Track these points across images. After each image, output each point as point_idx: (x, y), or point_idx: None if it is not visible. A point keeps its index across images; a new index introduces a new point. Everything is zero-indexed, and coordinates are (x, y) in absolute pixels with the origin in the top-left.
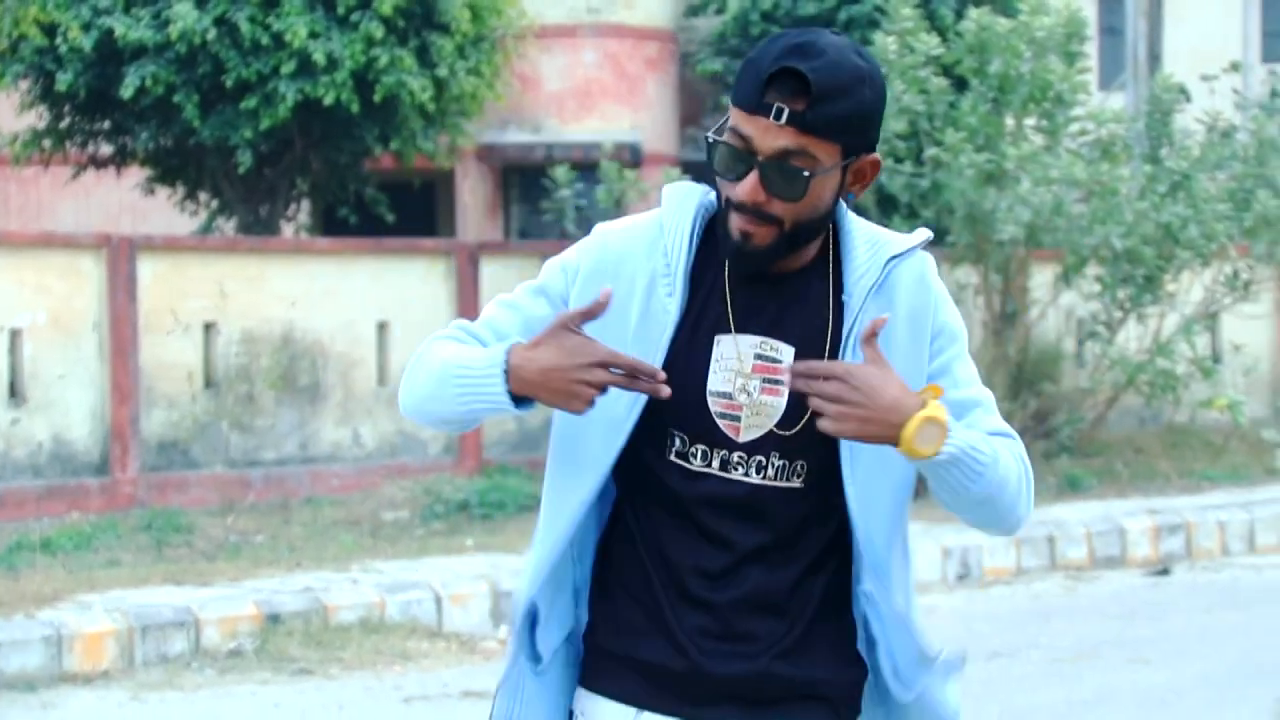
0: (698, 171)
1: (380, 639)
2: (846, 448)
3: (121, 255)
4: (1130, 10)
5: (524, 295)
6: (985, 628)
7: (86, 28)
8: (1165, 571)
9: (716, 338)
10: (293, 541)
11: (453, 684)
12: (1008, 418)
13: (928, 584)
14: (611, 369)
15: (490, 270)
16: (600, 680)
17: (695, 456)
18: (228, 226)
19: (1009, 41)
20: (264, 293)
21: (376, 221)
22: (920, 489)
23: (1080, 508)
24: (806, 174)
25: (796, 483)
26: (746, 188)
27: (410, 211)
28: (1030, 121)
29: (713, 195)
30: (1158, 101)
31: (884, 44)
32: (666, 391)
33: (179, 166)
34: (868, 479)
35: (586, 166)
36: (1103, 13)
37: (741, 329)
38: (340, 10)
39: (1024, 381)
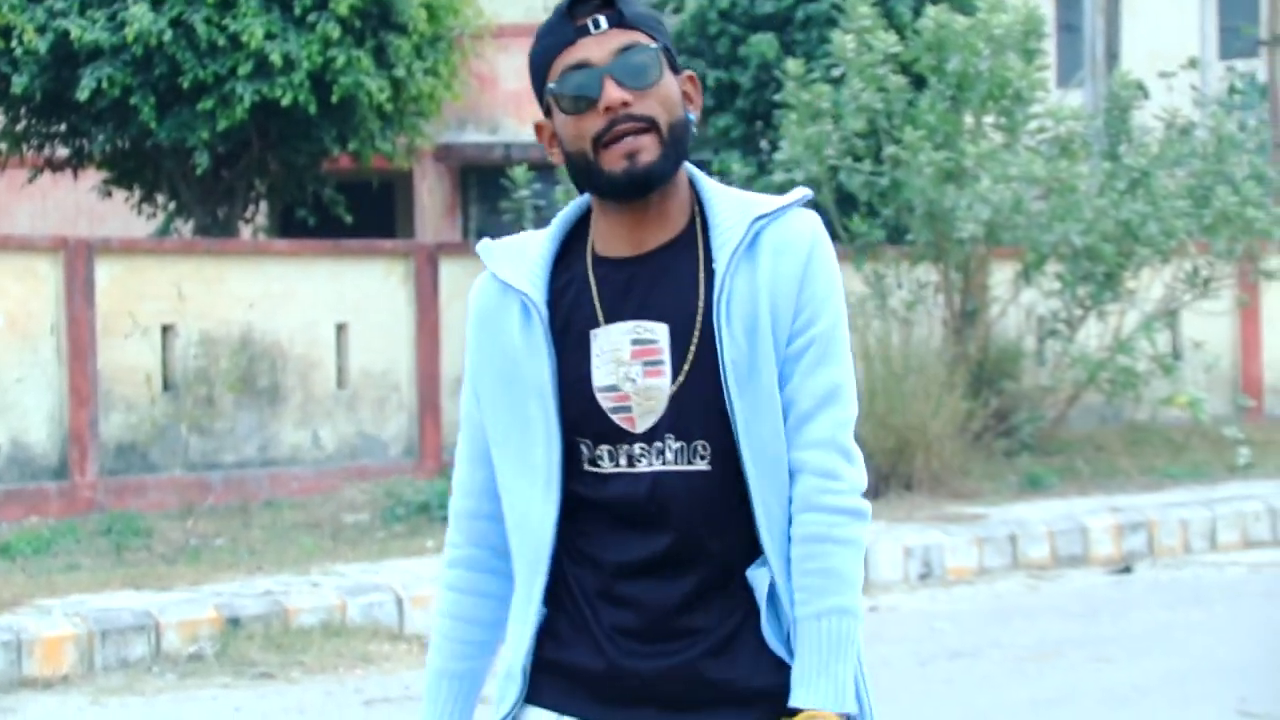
0: None
1: (341, 642)
2: (741, 417)
3: (79, 258)
4: (1088, 7)
5: (467, 377)
6: (947, 627)
7: (41, 30)
8: (1127, 570)
9: (591, 333)
10: (253, 545)
11: (414, 686)
12: (968, 417)
13: (889, 584)
14: None
15: (449, 271)
16: (533, 691)
17: (604, 459)
18: (185, 229)
19: (967, 39)
20: (222, 295)
21: (335, 223)
22: (877, 491)
23: (1042, 506)
24: (652, 48)
25: (701, 464)
26: (609, 93)
27: (369, 212)
28: (989, 119)
29: (566, 213)
30: (1116, 99)
31: (842, 42)
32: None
33: (136, 169)
34: (761, 448)
35: (545, 166)
36: (1060, 10)
37: (612, 318)
38: (296, 11)
39: (985, 379)
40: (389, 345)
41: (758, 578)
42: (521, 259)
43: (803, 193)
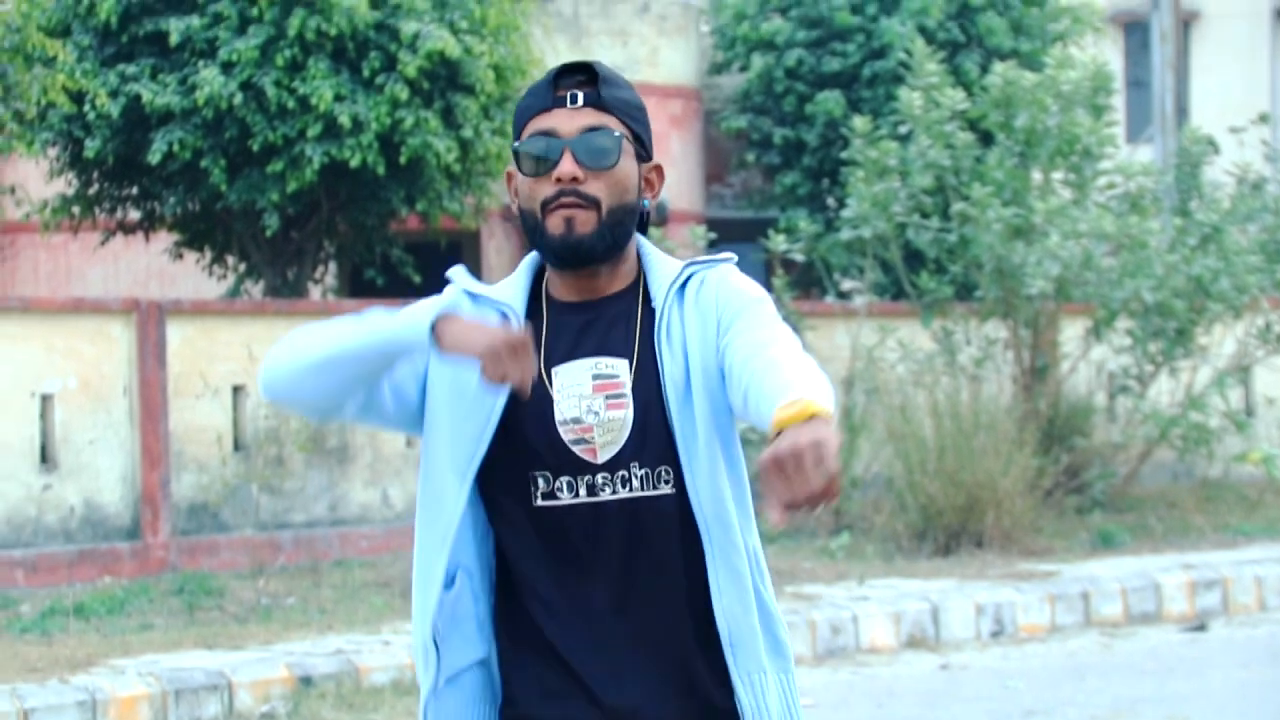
0: (722, 228)
1: (412, 700)
2: (680, 431)
3: (150, 320)
4: (1156, 63)
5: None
6: (1021, 686)
7: (114, 94)
8: (1202, 627)
9: (553, 370)
10: (323, 604)
11: None
12: (1039, 474)
13: (961, 642)
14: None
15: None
16: None
17: (563, 491)
18: (255, 290)
19: (1035, 95)
20: None
21: (403, 282)
22: (948, 548)
23: (1114, 564)
24: (616, 133)
25: (666, 488)
26: (563, 165)
27: (437, 272)
28: (1058, 175)
29: (535, 257)
30: (1186, 154)
31: (909, 99)
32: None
33: (206, 230)
34: (700, 466)
35: None
36: (1129, 65)
37: (573, 356)
38: (365, 73)
39: (1055, 436)
40: None
41: (725, 615)
42: (498, 288)
43: (731, 256)
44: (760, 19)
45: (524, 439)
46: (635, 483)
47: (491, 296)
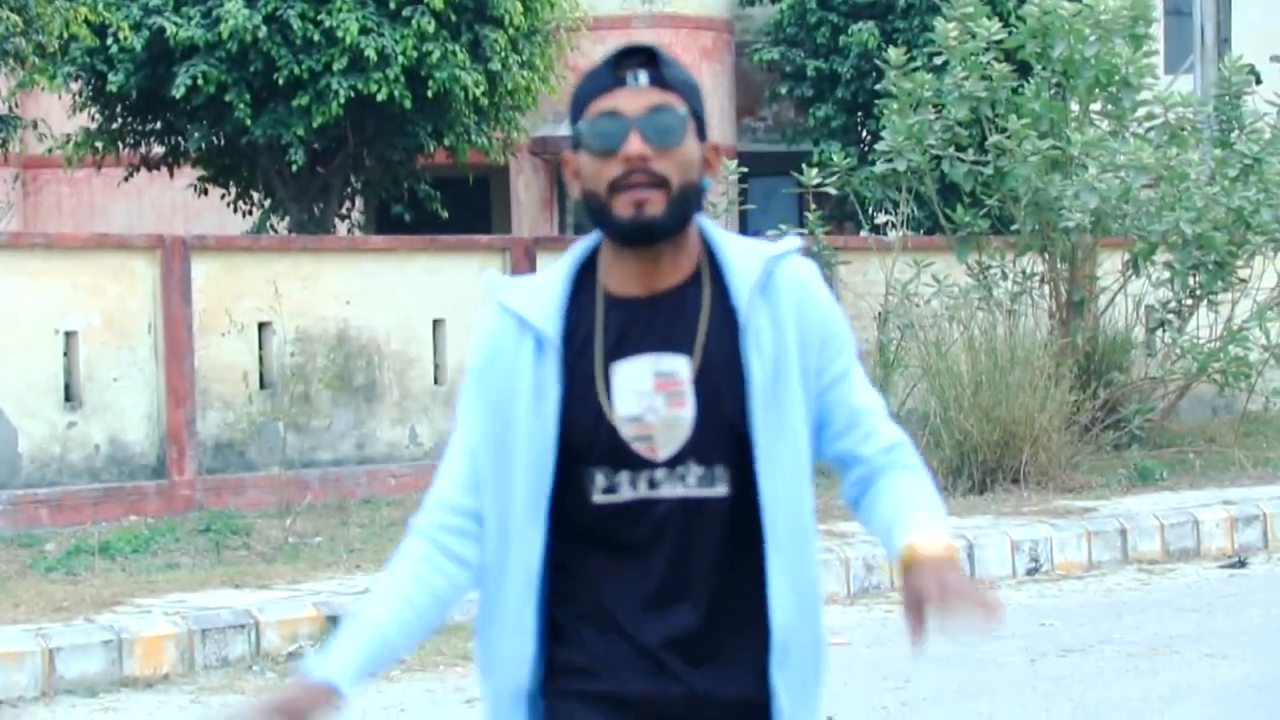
0: (754, 161)
1: (441, 640)
2: (762, 442)
3: (175, 256)
4: None
5: (464, 411)
6: (1057, 623)
7: (137, 27)
8: (1242, 563)
9: (613, 366)
10: (351, 543)
11: None
12: (1076, 409)
13: (997, 579)
14: None
15: (546, 264)
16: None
17: (622, 486)
18: (281, 226)
19: (1073, 25)
20: (318, 292)
21: (431, 218)
22: (983, 485)
23: (1152, 499)
24: (681, 111)
25: (722, 489)
26: (631, 145)
27: (464, 207)
28: (1096, 107)
29: (581, 247)
30: (1227, 84)
31: (944, 29)
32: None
33: (231, 166)
34: (780, 476)
35: None
36: None
37: (634, 352)
38: (392, 5)
39: (1093, 371)
40: None
41: (778, 618)
42: (534, 295)
43: (797, 242)
44: None
45: (585, 437)
46: (691, 480)
47: (526, 316)
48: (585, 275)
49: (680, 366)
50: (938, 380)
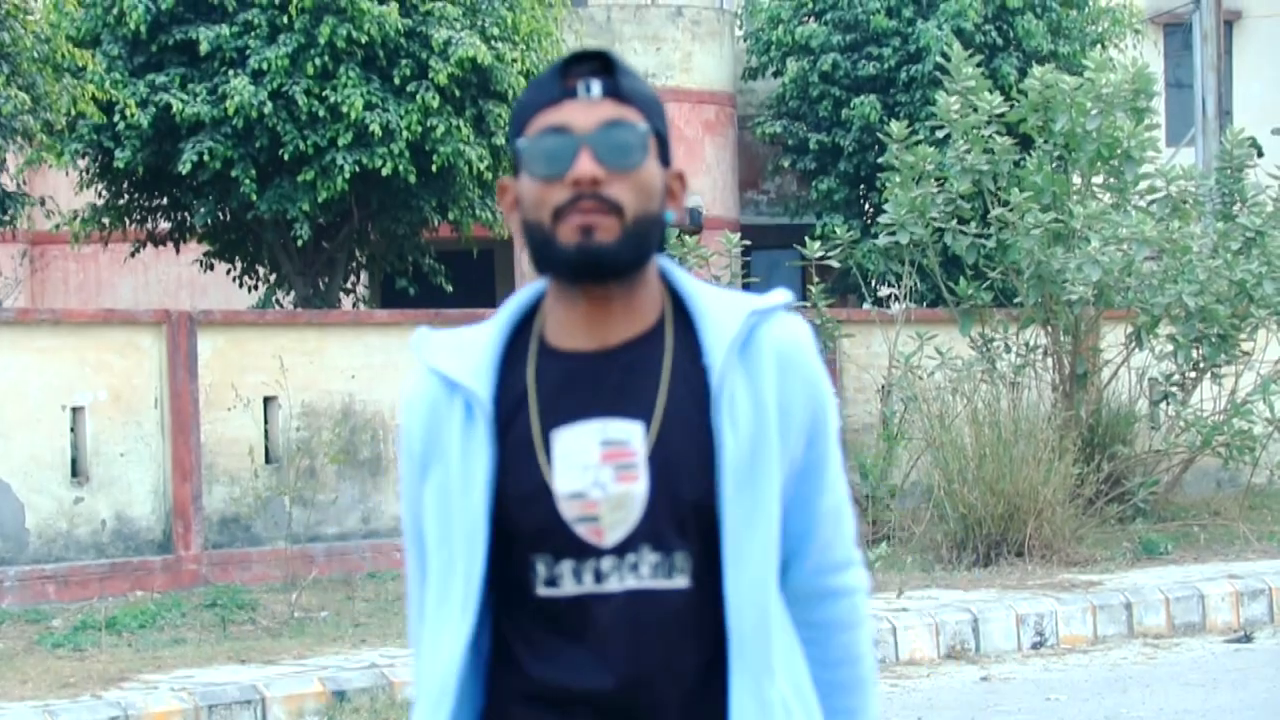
0: (757, 234)
1: None
2: (731, 525)
3: (181, 331)
4: (1198, 64)
5: (406, 500)
6: (1063, 698)
7: (143, 104)
8: (1248, 638)
9: (553, 433)
10: (357, 617)
11: None
12: (1080, 482)
13: (1002, 653)
14: None
15: None
16: None
17: (564, 578)
18: (286, 300)
19: (1075, 99)
20: (324, 366)
21: (436, 292)
22: (988, 559)
23: (1158, 573)
24: (641, 128)
25: (682, 581)
26: (581, 165)
27: (469, 281)
28: (1098, 180)
29: (520, 297)
30: (1228, 157)
31: (946, 103)
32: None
33: (237, 241)
34: (749, 569)
35: None
36: (1170, 67)
37: (579, 416)
38: (396, 80)
39: (1097, 444)
40: None
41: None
42: (464, 352)
43: (786, 295)
44: (795, 23)
45: (520, 517)
46: (645, 569)
47: (453, 376)
48: (525, 327)
49: (633, 434)
50: (941, 453)
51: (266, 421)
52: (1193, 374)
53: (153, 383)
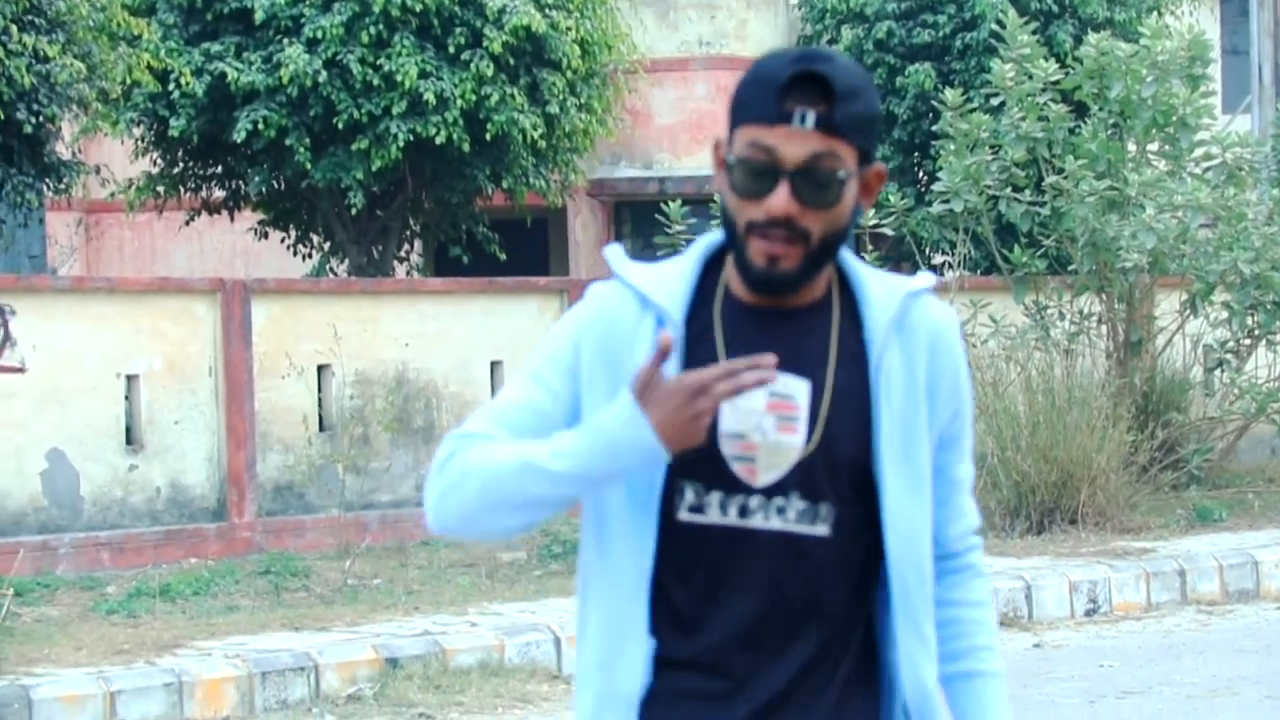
0: None
1: (500, 682)
2: (891, 488)
3: (235, 299)
4: (1255, 30)
5: (544, 368)
6: (1116, 664)
7: (198, 73)
8: None
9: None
10: (410, 585)
11: None
12: (1134, 449)
13: (1055, 620)
14: (709, 389)
15: None
16: None
17: (711, 507)
18: (340, 268)
19: (1130, 66)
20: (377, 334)
21: (489, 260)
22: (1041, 526)
23: (1211, 540)
24: (842, 174)
25: (822, 529)
26: (779, 201)
27: (522, 249)
28: (1153, 147)
29: (713, 239)
30: None
31: (1001, 70)
32: (772, 374)
33: (291, 209)
34: (908, 524)
35: (699, 201)
36: (1226, 34)
37: None
38: (450, 49)
39: (1151, 412)
40: None
41: (906, 664)
42: (657, 276)
43: (932, 279)
44: None
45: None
46: (791, 514)
47: (649, 294)
48: (711, 271)
49: (799, 390)
50: (995, 421)
51: (320, 389)
52: (1247, 341)
53: (207, 351)
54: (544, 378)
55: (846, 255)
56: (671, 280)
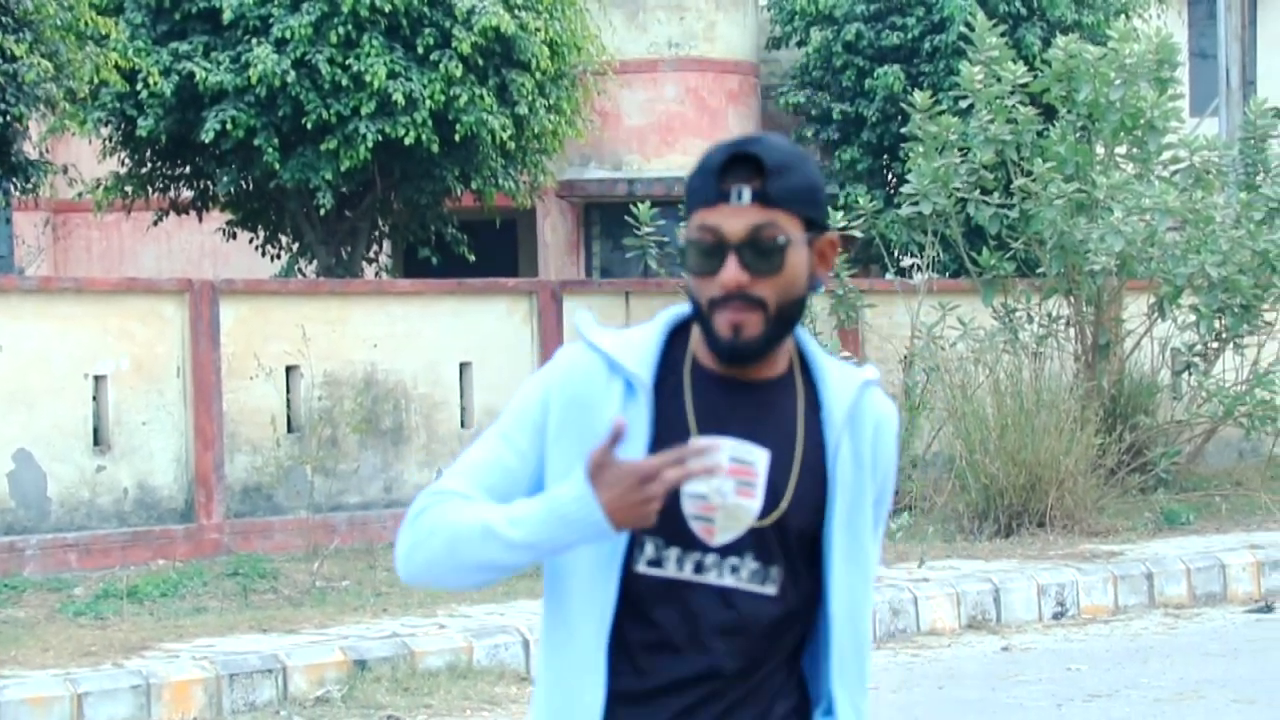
0: None
1: (468, 684)
2: (839, 560)
3: (204, 300)
4: (1222, 34)
5: (512, 428)
6: (1083, 667)
7: (166, 73)
8: (1268, 609)
9: (692, 440)
10: (378, 587)
11: None
12: (1102, 452)
13: (1022, 623)
14: (659, 475)
15: (573, 308)
16: None
17: (669, 561)
18: (309, 269)
19: (1098, 69)
20: (346, 335)
21: (458, 261)
22: (1009, 529)
23: (1179, 543)
24: (781, 240)
25: (770, 589)
26: (730, 273)
27: (491, 251)
28: (1121, 150)
29: (677, 310)
30: (1252, 128)
31: (970, 73)
32: (723, 466)
33: (260, 210)
34: (849, 594)
35: (668, 202)
36: (1193, 37)
37: (720, 432)
38: (419, 50)
39: (1119, 415)
40: (513, 383)
41: None
42: (628, 344)
43: (877, 372)
44: None
45: None
46: (744, 573)
47: (618, 359)
48: (677, 340)
49: (760, 458)
50: (963, 423)
51: (288, 390)
52: (1215, 344)
53: (175, 351)
54: (512, 437)
55: (806, 337)
56: (639, 347)
